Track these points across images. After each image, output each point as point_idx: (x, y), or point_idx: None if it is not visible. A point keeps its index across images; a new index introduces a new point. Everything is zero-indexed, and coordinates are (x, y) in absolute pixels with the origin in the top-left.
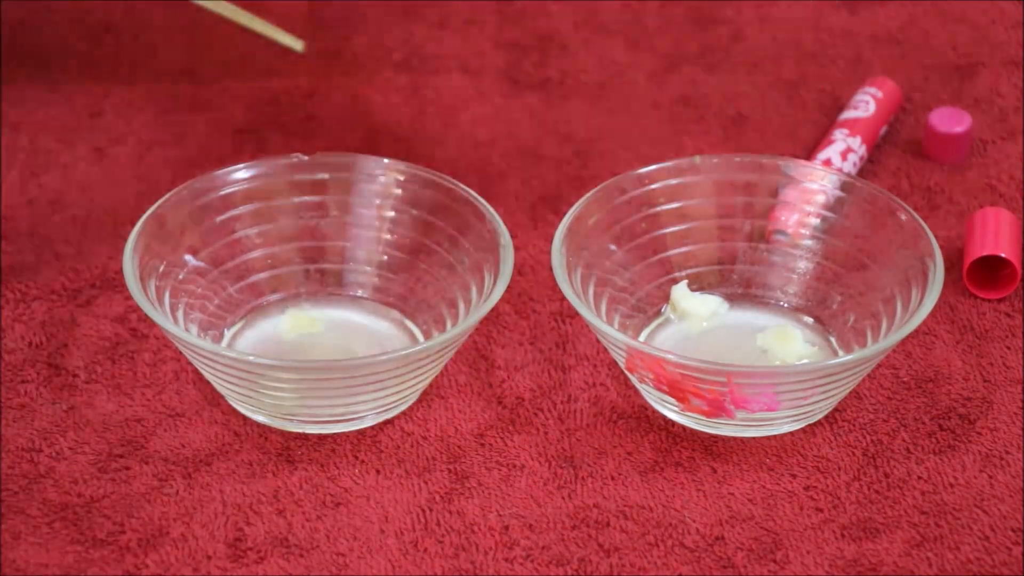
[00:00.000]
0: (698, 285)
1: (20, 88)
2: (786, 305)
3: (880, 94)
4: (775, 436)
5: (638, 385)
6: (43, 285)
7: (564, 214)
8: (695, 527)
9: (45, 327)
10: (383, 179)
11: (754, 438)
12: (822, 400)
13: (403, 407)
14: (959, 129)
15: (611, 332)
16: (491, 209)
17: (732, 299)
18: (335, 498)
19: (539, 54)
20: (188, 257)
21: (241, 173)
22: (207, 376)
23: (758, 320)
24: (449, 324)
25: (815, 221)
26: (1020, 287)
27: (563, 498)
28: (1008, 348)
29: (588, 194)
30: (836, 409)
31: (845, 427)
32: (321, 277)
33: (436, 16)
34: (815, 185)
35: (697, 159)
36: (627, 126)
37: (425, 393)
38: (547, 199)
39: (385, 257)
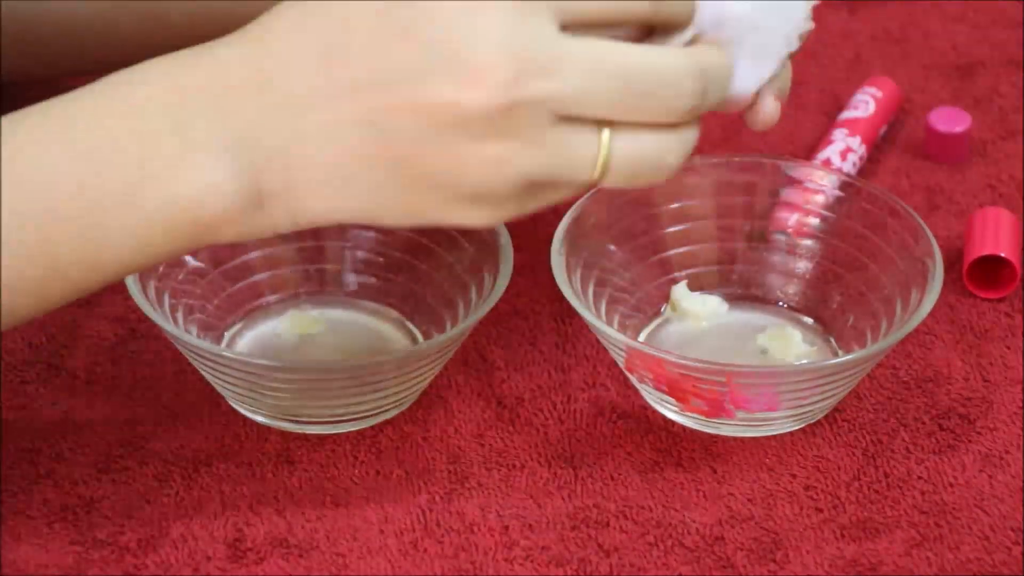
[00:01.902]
0: (698, 285)
1: (20, 88)
2: (786, 305)
3: (880, 94)
4: (775, 436)
5: (638, 385)
6: None
7: (564, 214)
8: (695, 527)
9: (45, 328)
10: None
11: (754, 438)
12: (822, 400)
13: (403, 407)
14: (959, 129)
15: (611, 332)
16: None
17: (732, 299)
18: (335, 498)
19: None
20: (188, 258)
21: None
22: (207, 377)
23: (758, 320)
24: (449, 324)
25: (815, 221)
26: (1020, 287)
27: (563, 498)
28: (1008, 348)
29: (588, 194)
30: (836, 409)
31: (845, 427)
32: (321, 277)
33: None
34: (815, 185)
35: (697, 159)
36: None
37: (425, 393)
38: None
39: (385, 257)
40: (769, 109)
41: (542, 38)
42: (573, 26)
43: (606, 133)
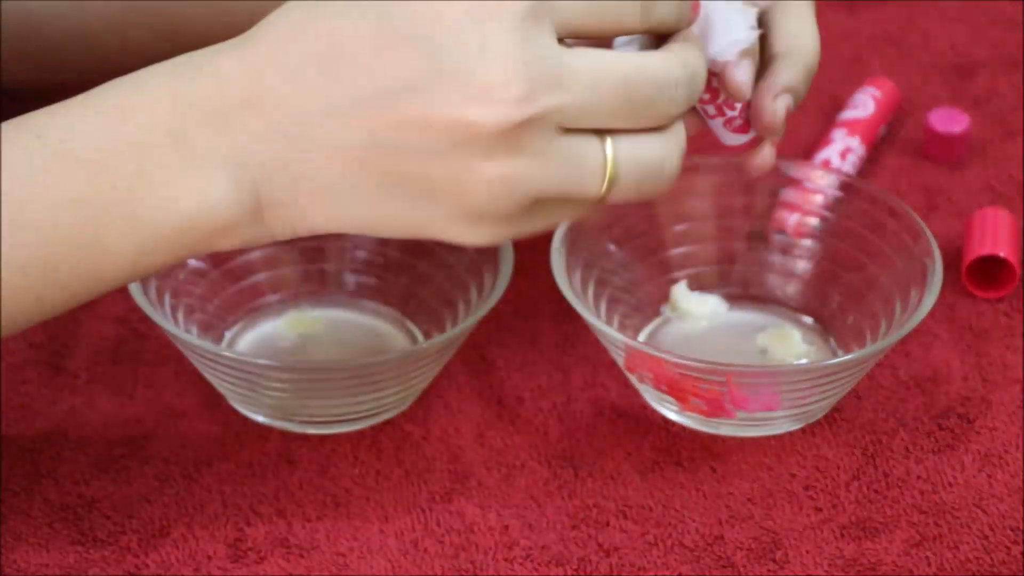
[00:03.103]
0: (698, 285)
1: (20, 88)
2: (785, 305)
3: (879, 94)
4: (775, 436)
5: (638, 385)
6: None
7: None
8: (695, 527)
9: (46, 327)
10: None
11: (753, 438)
12: (821, 400)
13: (403, 407)
14: (958, 129)
15: (611, 332)
16: None
17: (731, 299)
18: (335, 498)
19: None
20: None
21: None
22: (207, 376)
23: (757, 320)
24: (448, 324)
25: (814, 221)
26: (1019, 287)
27: (563, 498)
28: (1007, 348)
29: None
30: (835, 409)
31: (844, 427)
32: (321, 277)
33: None
34: (815, 185)
35: (697, 159)
36: None
37: (425, 393)
38: None
39: (384, 257)
40: (774, 108)
41: (548, 52)
42: (568, 38)
43: (609, 141)
